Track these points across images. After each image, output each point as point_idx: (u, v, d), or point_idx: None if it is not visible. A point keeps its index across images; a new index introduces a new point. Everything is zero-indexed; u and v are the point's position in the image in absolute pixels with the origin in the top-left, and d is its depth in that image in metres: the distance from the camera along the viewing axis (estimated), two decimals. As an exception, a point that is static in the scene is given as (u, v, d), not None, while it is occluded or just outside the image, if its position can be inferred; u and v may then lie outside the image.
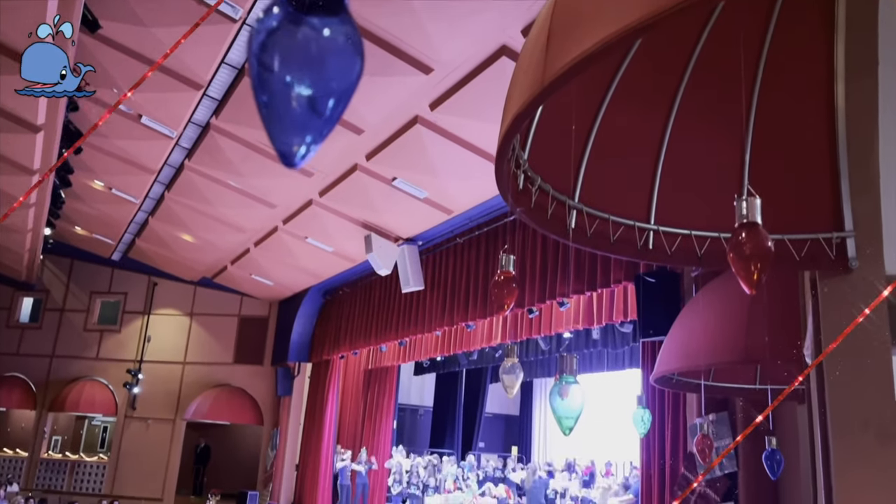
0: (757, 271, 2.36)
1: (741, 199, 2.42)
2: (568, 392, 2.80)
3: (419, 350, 15.70)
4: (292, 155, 1.03)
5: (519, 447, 18.96)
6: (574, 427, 2.91)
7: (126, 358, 19.74)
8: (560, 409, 2.86)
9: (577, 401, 2.88)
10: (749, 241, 2.38)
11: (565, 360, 2.94)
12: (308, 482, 17.30)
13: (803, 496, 6.32)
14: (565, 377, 2.83)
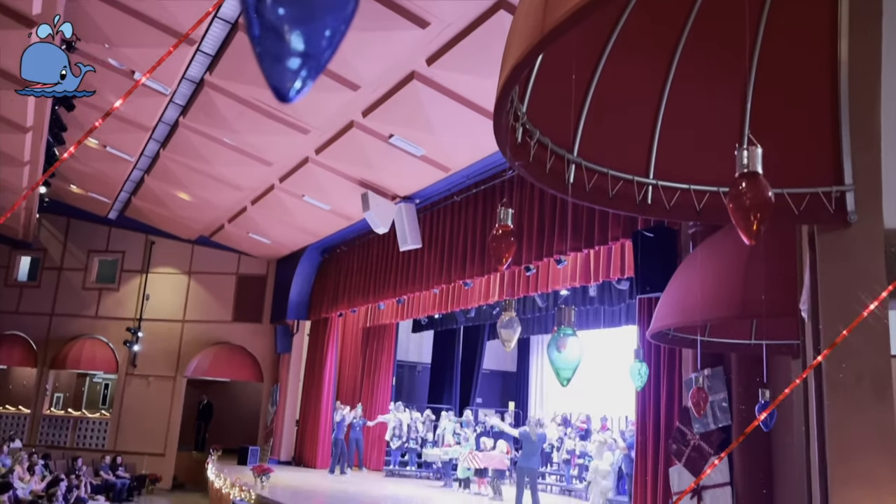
0: (757, 222, 2.34)
1: (742, 148, 2.40)
2: (565, 344, 2.81)
3: (417, 308, 15.78)
4: (286, 90, 1.00)
5: (516, 403, 19.19)
6: (571, 378, 2.93)
7: (125, 316, 19.83)
8: (558, 361, 2.88)
9: (574, 353, 2.89)
10: (749, 192, 2.36)
11: (563, 312, 2.94)
12: (308, 437, 17.55)
13: (796, 449, 6.43)
14: (563, 329, 2.85)
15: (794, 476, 6.77)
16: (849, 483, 2.91)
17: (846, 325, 3.18)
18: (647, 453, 9.01)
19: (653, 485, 8.82)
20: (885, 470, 2.92)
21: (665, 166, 3.44)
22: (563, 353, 2.82)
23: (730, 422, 7.34)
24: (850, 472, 2.92)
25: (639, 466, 9.18)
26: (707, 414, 7.37)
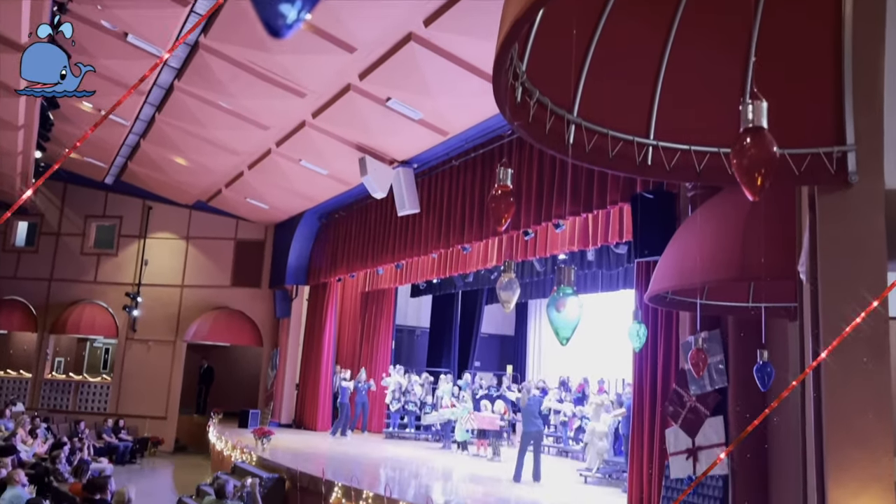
0: (761, 178, 2.32)
1: (747, 102, 2.36)
2: (565, 304, 2.81)
3: (415, 273, 15.80)
4: (279, 26, 0.98)
5: (514, 366, 19.35)
6: (571, 338, 2.94)
7: (124, 281, 19.86)
8: (557, 321, 2.88)
9: (574, 312, 2.89)
10: (754, 147, 2.33)
11: (563, 271, 2.94)
12: (308, 401, 17.72)
13: (791, 410, 6.49)
14: (563, 289, 2.84)
15: (788, 438, 6.84)
16: (844, 444, 2.94)
17: (845, 287, 3.19)
18: (643, 415, 9.10)
19: (649, 446, 8.93)
20: (881, 431, 2.94)
21: (665, 127, 3.41)
22: (563, 312, 2.82)
23: (726, 384, 7.39)
24: (845, 433, 2.95)
25: (635, 428, 9.28)
26: (704, 376, 7.42)
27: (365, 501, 9.25)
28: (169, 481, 15.21)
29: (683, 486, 7.65)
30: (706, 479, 7.43)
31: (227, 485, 7.96)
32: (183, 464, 17.35)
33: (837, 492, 2.87)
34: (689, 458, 7.61)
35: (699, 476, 7.21)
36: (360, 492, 9.40)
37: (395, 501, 8.80)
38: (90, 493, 8.29)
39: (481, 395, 15.75)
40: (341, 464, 11.73)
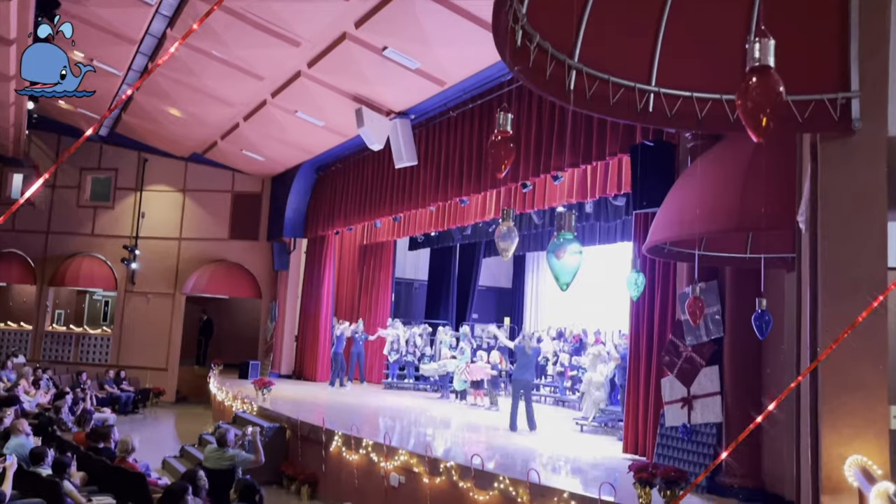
0: (766, 118, 2.28)
1: (754, 40, 2.30)
2: (565, 250, 2.80)
3: (413, 225, 15.78)
4: None
5: (511, 318, 19.49)
6: (571, 283, 2.94)
7: (121, 234, 19.83)
8: (557, 267, 2.87)
9: (574, 259, 2.89)
10: (760, 86, 2.28)
11: (564, 216, 2.92)
12: (308, 352, 17.88)
13: (786, 360, 6.57)
14: (563, 234, 2.83)
15: (783, 387, 6.93)
16: (840, 391, 2.97)
17: (845, 236, 3.18)
18: (639, 365, 9.20)
19: (644, 395, 9.05)
20: (876, 378, 2.97)
21: (667, 73, 3.35)
22: (563, 259, 2.81)
23: (722, 334, 7.46)
24: (841, 380, 2.98)
25: (631, 378, 9.39)
26: (700, 326, 7.48)
27: (364, 449, 9.41)
28: (171, 431, 15.45)
29: (678, 433, 7.78)
30: (700, 427, 7.56)
31: (229, 433, 8.08)
32: (184, 414, 17.60)
33: (831, 437, 2.91)
34: (684, 406, 7.73)
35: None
36: (360, 440, 9.55)
37: (395, 449, 8.95)
38: (94, 442, 8.43)
39: (477, 346, 15.90)
40: (341, 413, 11.89)
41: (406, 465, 8.73)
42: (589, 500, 6.73)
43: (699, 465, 7.43)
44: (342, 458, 9.86)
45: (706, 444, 7.49)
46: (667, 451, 7.88)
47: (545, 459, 9.22)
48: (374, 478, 9.22)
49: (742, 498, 6.85)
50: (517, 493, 7.30)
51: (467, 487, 7.85)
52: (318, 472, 10.35)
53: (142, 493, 6.92)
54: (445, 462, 8.22)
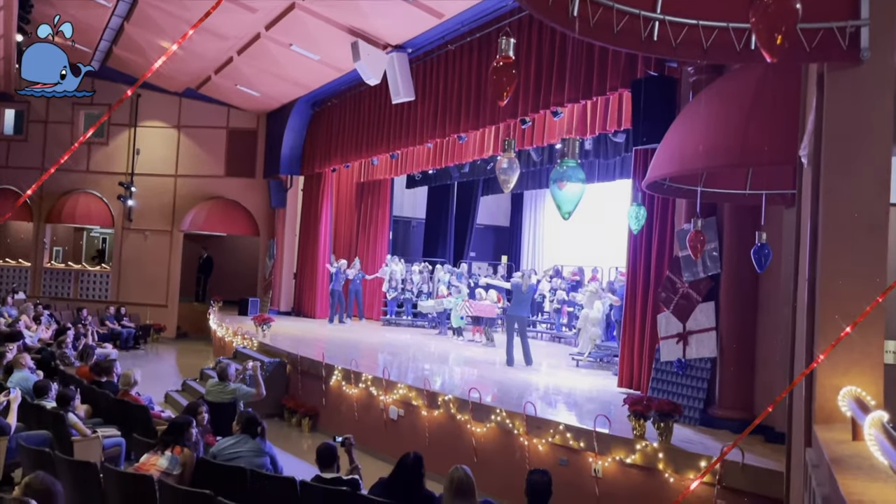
0: (780, 35, 2.21)
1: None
2: (568, 178, 2.77)
3: (411, 163, 15.66)
4: None
5: (509, 256, 19.57)
6: (573, 212, 2.92)
7: (117, 171, 19.67)
8: (559, 196, 2.85)
9: (576, 187, 2.86)
10: (775, 2, 2.20)
11: (567, 143, 2.88)
12: (306, 289, 17.99)
13: (782, 294, 6.61)
14: (566, 161, 2.80)
15: (777, 322, 7.00)
16: (836, 322, 2.99)
17: (848, 169, 3.15)
18: (636, 301, 9.27)
19: (640, 331, 9.15)
20: (873, 311, 2.98)
21: (673, 0, 3.25)
22: (566, 188, 2.79)
23: (719, 270, 7.49)
24: (837, 310, 2.99)
25: (627, 314, 9.48)
26: (697, 262, 7.51)
27: (364, 384, 9.56)
28: (173, 366, 15.66)
29: (673, 368, 7.90)
30: (695, 362, 7.67)
31: (229, 368, 8.18)
32: (185, 349, 17.82)
33: (826, 368, 2.95)
34: (679, 342, 7.82)
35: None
36: (359, 374, 9.70)
37: (394, 384, 9.09)
38: (97, 376, 8.54)
39: (475, 284, 15.99)
40: (340, 349, 12.04)
41: (405, 398, 8.89)
42: (584, 431, 6.88)
43: (693, 398, 7.57)
44: (342, 392, 10.03)
45: (700, 378, 7.61)
46: (661, 385, 8.02)
47: (541, 393, 9.38)
48: (374, 411, 9.40)
49: (734, 430, 7.00)
50: (513, 425, 7.45)
51: (465, 420, 8.01)
52: (318, 405, 10.54)
53: (145, 425, 7.05)
54: (443, 395, 8.36)
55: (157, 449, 5.26)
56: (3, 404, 6.45)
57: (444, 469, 4.72)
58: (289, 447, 9.10)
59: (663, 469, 6.31)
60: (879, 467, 2.07)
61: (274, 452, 5.96)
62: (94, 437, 6.66)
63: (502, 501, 5.37)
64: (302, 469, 6.88)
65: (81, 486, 5.14)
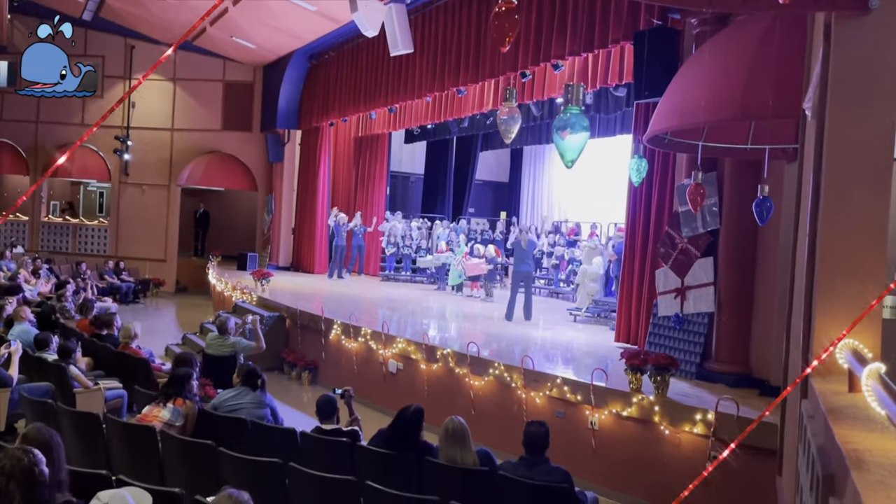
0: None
1: None
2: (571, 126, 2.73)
3: (409, 117, 15.50)
4: None
5: (508, 212, 19.53)
6: (576, 160, 2.89)
7: (112, 124, 19.46)
8: (562, 144, 2.82)
9: (579, 136, 2.82)
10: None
11: (572, 89, 2.84)
12: (305, 244, 17.99)
13: (781, 251, 6.61)
14: (570, 108, 2.75)
15: (775, 278, 7.02)
16: (836, 275, 2.98)
17: (852, 122, 3.11)
18: (634, 257, 9.28)
19: (638, 286, 9.18)
20: (874, 264, 2.98)
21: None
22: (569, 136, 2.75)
23: (718, 226, 7.48)
24: (838, 265, 2.99)
25: (626, 269, 9.50)
26: (697, 217, 7.50)
27: (363, 337, 9.63)
28: (173, 319, 15.75)
29: (670, 322, 7.95)
30: (692, 317, 7.72)
31: (229, 322, 8.22)
32: (185, 304, 17.89)
33: (825, 322, 2.96)
34: (677, 297, 7.85)
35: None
36: (359, 329, 9.76)
37: (392, 338, 9.16)
38: (97, 329, 8.58)
39: (473, 240, 16.00)
40: (339, 303, 12.10)
41: (404, 352, 8.96)
42: (581, 385, 6.96)
43: (689, 352, 7.63)
44: (341, 346, 10.11)
45: (697, 332, 7.67)
46: (658, 340, 8.08)
47: (539, 347, 9.46)
48: (373, 364, 9.49)
49: (729, 383, 7.08)
50: (511, 378, 7.53)
51: (463, 373, 8.09)
52: (317, 359, 10.64)
53: (146, 378, 7.11)
54: (442, 349, 8.43)
55: (159, 401, 5.31)
56: (4, 357, 6.49)
57: (442, 421, 4.79)
58: (289, 400, 9.20)
59: (659, 422, 6.40)
60: (875, 418, 2.09)
61: (274, 404, 6.02)
62: (96, 388, 6.73)
63: (500, 452, 5.46)
64: (302, 421, 6.98)
65: (85, 437, 5.20)
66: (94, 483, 3.64)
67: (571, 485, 4.51)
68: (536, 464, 4.53)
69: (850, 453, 1.77)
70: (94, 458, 4.96)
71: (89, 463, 4.69)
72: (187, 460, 4.80)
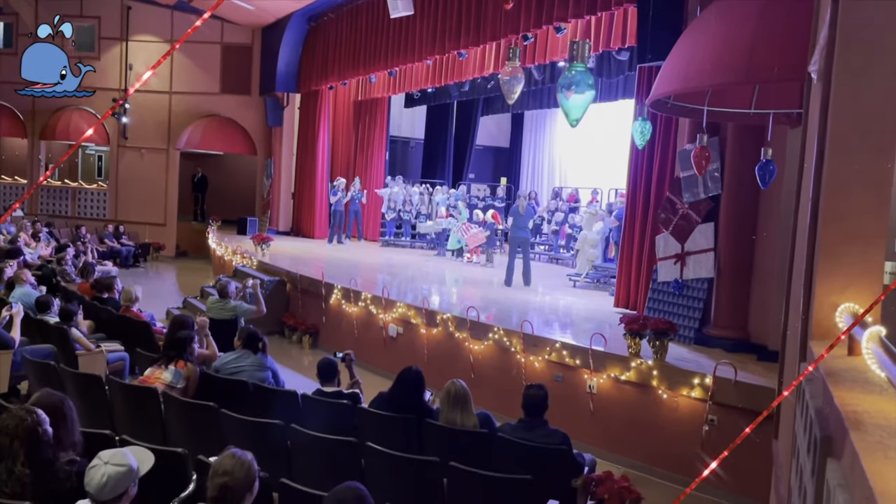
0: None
1: None
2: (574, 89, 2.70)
3: (409, 81, 15.35)
4: None
5: (508, 178, 19.41)
6: (581, 119, 2.86)
7: (110, 87, 19.26)
8: (567, 103, 2.79)
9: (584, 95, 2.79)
10: None
11: (577, 46, 2.80)
12: (305, 209, 17.95)
13: (782, 216, 6.60)
14: (575, 65, 2.72)
15: (775, 245, 7.02)
16: (838, 240, 2.97)
17: (859, 84, 3.07)
18: (635, 223, 9.27)
19: (638, 252, 9.19)
20: (876, 229, 2.97)
21: None
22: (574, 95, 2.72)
23: (720, 191, 7.46)
24: (841, 230, 2.97)
25: (626, 235, 9.50)
26: (698, 182, 7.47)
27: (363, 302, 9.66)
28: (173, 283, 15.78)
29: (669, 288, 7.97)
30: (692, 282, 7.73)
31: (230, 285, 8.23)
32: (185, 268, 17.92)
33: (825, 286, 2.96)
34: (677, 262, 7.86)
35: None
36: (359, 293, 9.78)
37: (393, 302, 9.19)
38: (98, 293, 8.60)
39: (474, 206, 15.96)
40: (339, 268, 12.11)
41: (404, 316, 9.00)
42: (580, 349, 7.00)
43: (688, 318, 7.67)
44: (342, 311, 10.14)
45: (696, 298, 7.69)
46: (657, 305, 8.10)
47: (538, 312, 9.50)
48: (373, 329, 9.53)
49: (727, 348, 7.12)
50: (511, 342, 7.57)
51: (463, 338, 8.13)
52: (318, 323, 10.68)
53: (148, 341, 7.15)
54: (442, 314, 8.46)
55: (161, 363, 5.34)
56: (5, 319, 6.51)
57: (442, 385, 4.83)
58: (290, 363, 9.27)
59: (657, 386, 6.46)
60: (874, 380, 2.10)
61: (275, 367, 6.06)
62: (98, 351, 6.76)
63: (499, 415, 5.51)
64: (303, 384, 7.03)
65: (88, 398, 5.24)
66: (98, 443, 3.68)
67: (570, 447, 4.57)
68: (535, 426, 4.58)
69: (848, 415, 1.78)
70: (97, 419, 5.00)
71: (93, 424, 4.73)
72: (189, 422, 4.85)
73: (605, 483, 4.78)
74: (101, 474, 2.81)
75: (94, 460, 2.88)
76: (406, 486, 4.01)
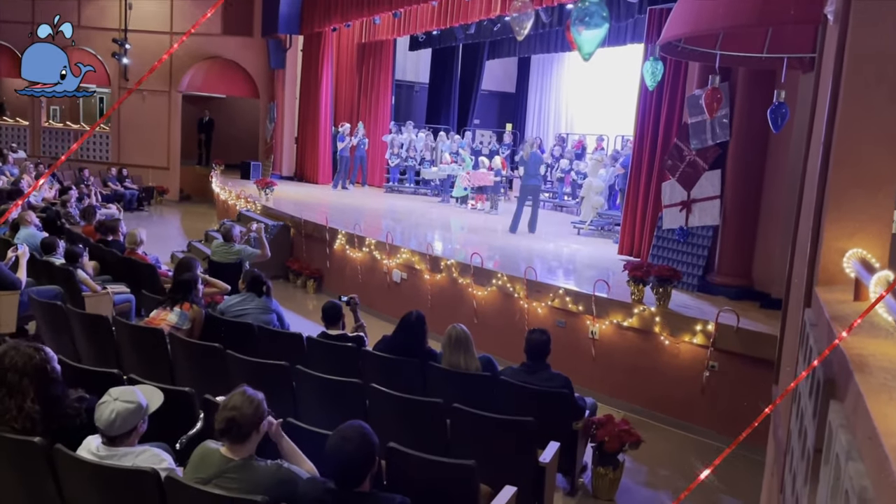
0: None
1: None
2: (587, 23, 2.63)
3: (414, 23, 15.04)
4: None
5: (513, 124, 19.21)
6: (594, 53, 2.80)
7: (109, 27, 18.93)
8: (579, 37, 2.73)
9: (598, 30, 2.72)
10: None
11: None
12: (308, 154, 17.82)
13: (791, 162, 6.53)
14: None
15: (782, 192, 6.97)
16: (848, 184, 2.94)
17: (877, 27, 2.99)
18: (641, 169, 9.20)
19: (644, 199, 9.15)
20: (887, 174, 2.93)
21: None
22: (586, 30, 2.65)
23: (728, 138, 7.37)
24: (851, 174, 2.93)
25: (632, 181, 9.44)
26: (706, 128, 7.37)
27: (367, 248, 9.67)
28: (177, 227, 15.80)
29: (674, 235, 7.95)
30: (697, 230, 7.71)
31: (234, 229, 8.24)
32: (189, 212, 17.91)
33: (833, 231, 2.93)
34: (683, 209, 7.82)
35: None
36: (363, 239, 9.78)
37: (397, 248, 9.19)
38: (103, 235, 8.61)
39: (479, 152, 15.83)
40: (343, 213, 12.08)
41: (408, 262, 9.02)
42: (583, 295, 7.02)
43: (693, 265, 7.67)
44: (346, 256, 10.16)
45: (701, 245, 7.68)
46: (661, 253, 8.10)
47: (542, 259, 9.50)
48: (377, 274, 9.56)
49: (731, 296, 7.14)
50: (514, 289, 7.60)
51: (466, 283, 8.16)
52: (322, 268, 10.72)
53: (153, 283, 7.18)
54: (446, 260, 8.47)
55: (167, 305, 5.37)
56: (11, 260, 6.54)
57: (445, 330, 4.86)
58: (294, 307, 9.33)
59: (659, 332, 6.50)
60: (881, 325, 2.10)
61: (280, 310, 6.09)
62: (104, 292, 6.80)
63: (502, 360, 5.56)
64: (308, 327, 7.09)
65: (95, 339, 5.30)
66: (106, 381, 3.73)
67: (571, 390, 4.62)
68: (537, 370, 4.63)
69: (853, 358, 1.78)
70: (104, 360, 5.07)
71: (100, 364, 4.79)
72: (196, 362, 4.91)
73: (606, 426, 4.85)
74: (111, 410, 2.86)
75: (104, 397, 2.93)
76: (410, 426, 4.07)
